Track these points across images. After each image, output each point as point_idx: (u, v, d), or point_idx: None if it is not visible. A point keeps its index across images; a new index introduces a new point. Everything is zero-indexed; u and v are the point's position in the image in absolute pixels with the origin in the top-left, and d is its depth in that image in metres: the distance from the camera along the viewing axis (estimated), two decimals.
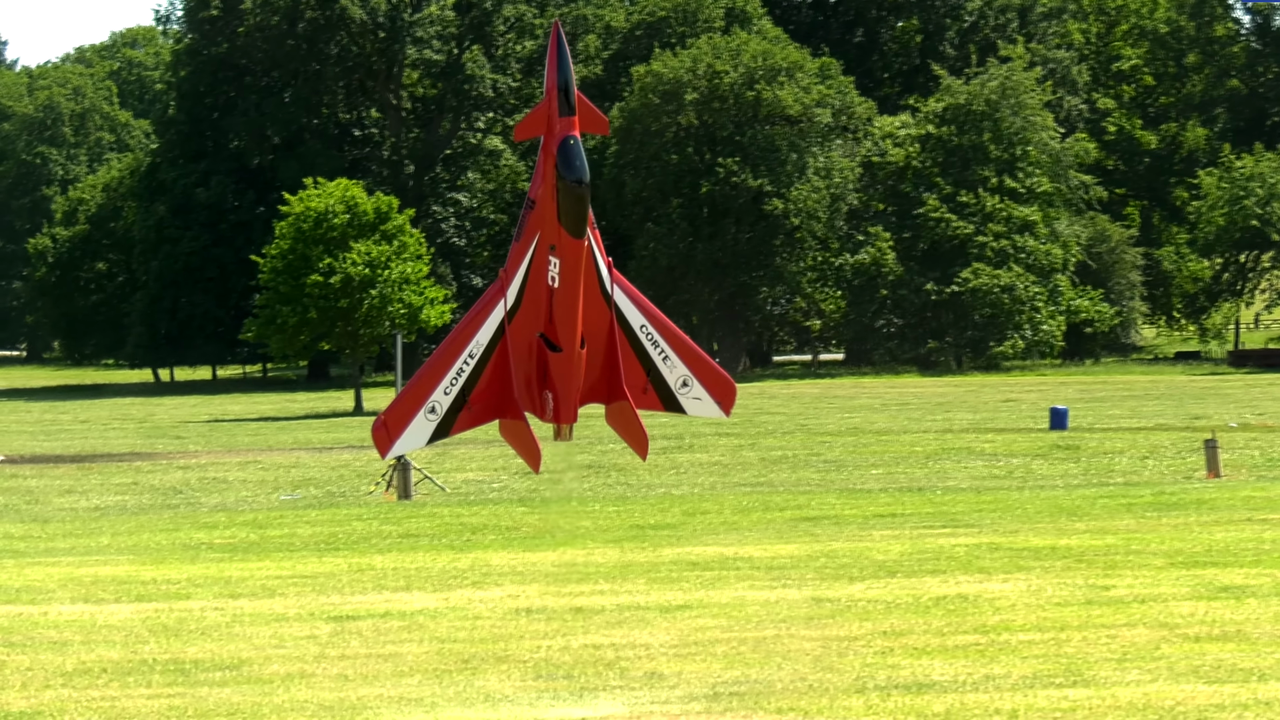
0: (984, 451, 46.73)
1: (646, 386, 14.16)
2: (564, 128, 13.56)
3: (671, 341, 14.23)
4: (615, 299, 14.05)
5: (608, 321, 14.02)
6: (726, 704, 14.86)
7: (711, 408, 14.40)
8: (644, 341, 14.15)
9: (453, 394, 13.85)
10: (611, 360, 14.05)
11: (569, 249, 13.61)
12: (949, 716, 14.21)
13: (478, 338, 13.86)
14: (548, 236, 13.62)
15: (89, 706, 15.47)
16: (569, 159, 13.43)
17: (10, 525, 32.79)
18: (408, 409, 13.84)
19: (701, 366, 14.29)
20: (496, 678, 16.36)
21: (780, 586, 21.75)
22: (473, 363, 13.85)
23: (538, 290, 13.80)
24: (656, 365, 14.19)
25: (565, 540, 27.78)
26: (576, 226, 13.55)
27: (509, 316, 13.84)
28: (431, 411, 13.83)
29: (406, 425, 13.81)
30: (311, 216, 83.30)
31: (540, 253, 13.69)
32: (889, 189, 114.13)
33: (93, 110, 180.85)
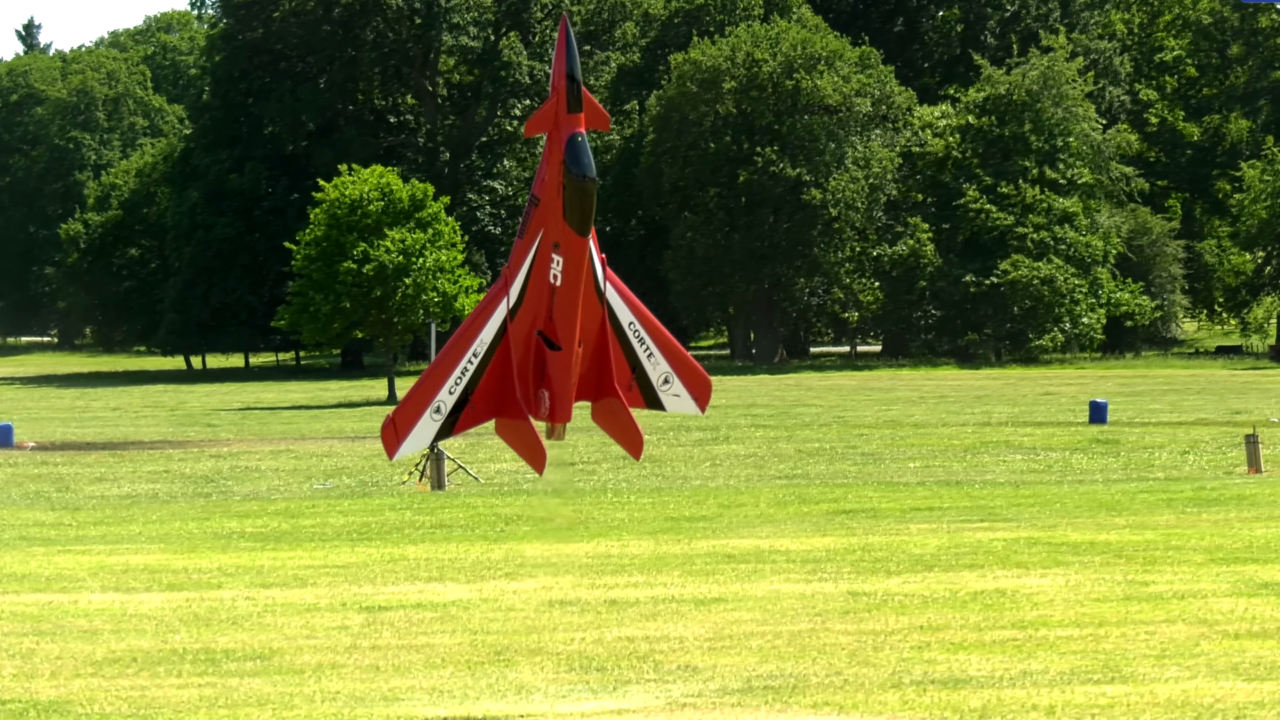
0: (1023, 445, 46.54)
1: (632, 383, 14.14)
2: (571, 124, 13.50)
3: (656, 338, 14.19)
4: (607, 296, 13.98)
5: (599, 318, 13.96)
6: (761, 698, 14.77)
7: (689, 404, 14.43)
8: (631, 339, 14.13)
9: (457, 393, 13.81)
10: (602, 357, 13.99)
11: (574, 246, 13.53)
12: (985, 712, 14.10)
13: (481, 336, 13.80)
14: (552, 234, 13.54)
15: (119, 696, 15.41)
16: (577, 155, 13.35)
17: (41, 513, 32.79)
18: (415, 409, 13.78)
19: (681, 363, 14.29)
20: (530, 670, 16.29)
21: (816, 580, 21.65)
22: (476, 361, 13.80)
23: (539, 288, 13.73)
24: (641, 362, 14.12)
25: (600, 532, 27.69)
26: (582, 224, 13.48)
27: (511, 314, 13.76)
28: (437, 411, 13.78)
29: (412, 426, 13.75)
30: (346, 203, 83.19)
31: (543, 250, 13.62)
32: (928, 179, 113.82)
33: (126, 95, 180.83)
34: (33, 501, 35.44)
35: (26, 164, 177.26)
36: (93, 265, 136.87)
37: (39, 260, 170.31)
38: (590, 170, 13.42)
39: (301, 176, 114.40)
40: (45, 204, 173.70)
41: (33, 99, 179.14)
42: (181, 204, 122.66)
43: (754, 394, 79.04)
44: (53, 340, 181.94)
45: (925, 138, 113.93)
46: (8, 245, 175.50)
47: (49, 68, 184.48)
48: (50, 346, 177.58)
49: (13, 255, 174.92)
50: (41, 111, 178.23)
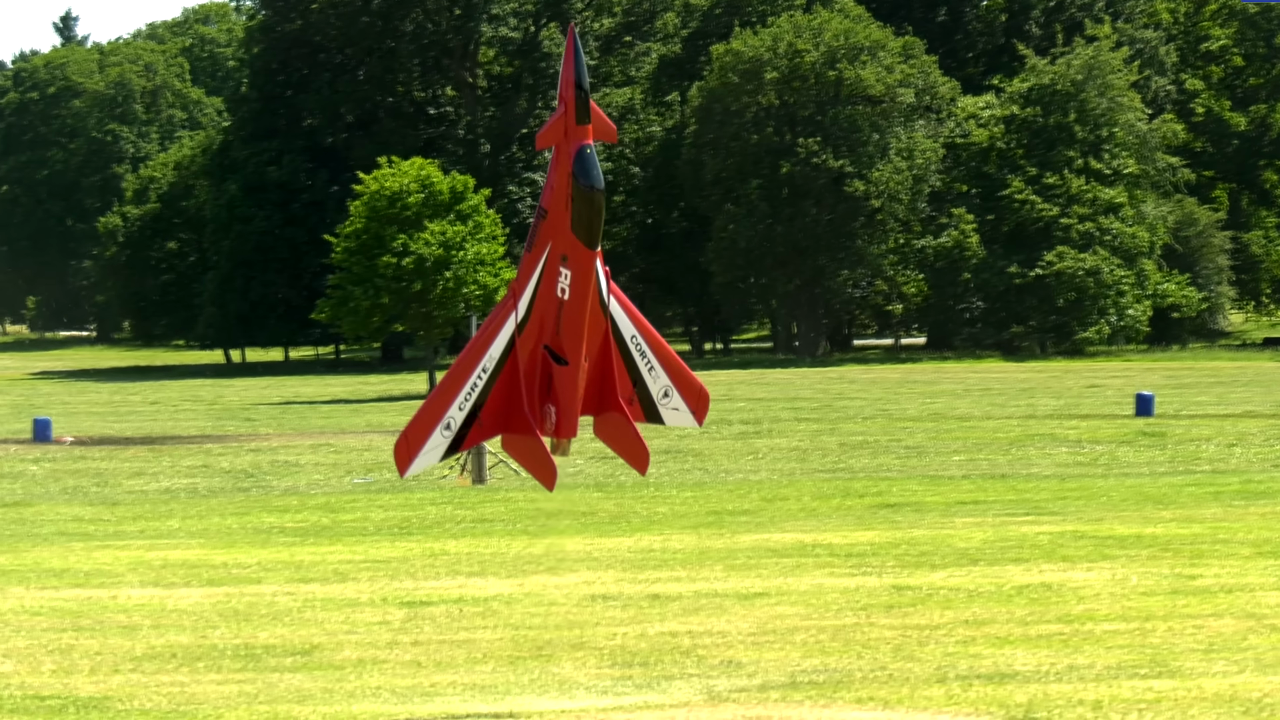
0: (1068, 438, 46.33)
1: (632, 397, 14.05)
2: (579, 136, 13.45)
3: (657, 351, 14.11)
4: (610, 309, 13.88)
5: (603, 332, 13.87)
6: (805, 693, 14.70)
7: (687, 418, 14.35)
8: (633, 352, 14.05)
9: (466, 409, 13.76)
10: (605, 371, 13.90)
11: (582, 259, 13.46)
12: (1031, 707, 14.01)
13: (490, 352, 13.74)
14: (560, 247, 13.47)
15: (158, 691, 15.37)
16: (586, 167, 13.29)
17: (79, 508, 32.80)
18: (426, 425, 13.73)
19: (680, 376, 14.20)
20: (571, 665, 16.23)
21: (860, 574, 21.59)
22: (485, 377, 13.74)
23: (547, 302, 13.67)
24: (642, 375, 14.04)
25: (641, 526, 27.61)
26: (591, 236, 13.41)
27: (518, 329, 13.67)
28: (447, 428, 13.73)
29: (424, 442, 13.69)
30: (385, 196, 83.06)
31: (551, 264, 13.55)
32: (972, 170, 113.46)
33: (164, 87, 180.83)
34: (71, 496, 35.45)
35: (64, 157, 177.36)
36: (131, 259, 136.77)
37: (77, 254, 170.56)
38: (599, 182, 13.38)
39: (341, 169, 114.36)
40: (83, 197, 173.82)
41: (70, 91, 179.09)
42: (220, 197, 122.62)
43: (796, 387, 78.91)
44: (91, 334, 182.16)
45: (969, 128, 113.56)
46: (46, 239, 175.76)
47: (86, 60, 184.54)
48: (88, 340, 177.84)
49: (51, 249, 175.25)
50: (79, 104, 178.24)
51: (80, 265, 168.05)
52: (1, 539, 27.56)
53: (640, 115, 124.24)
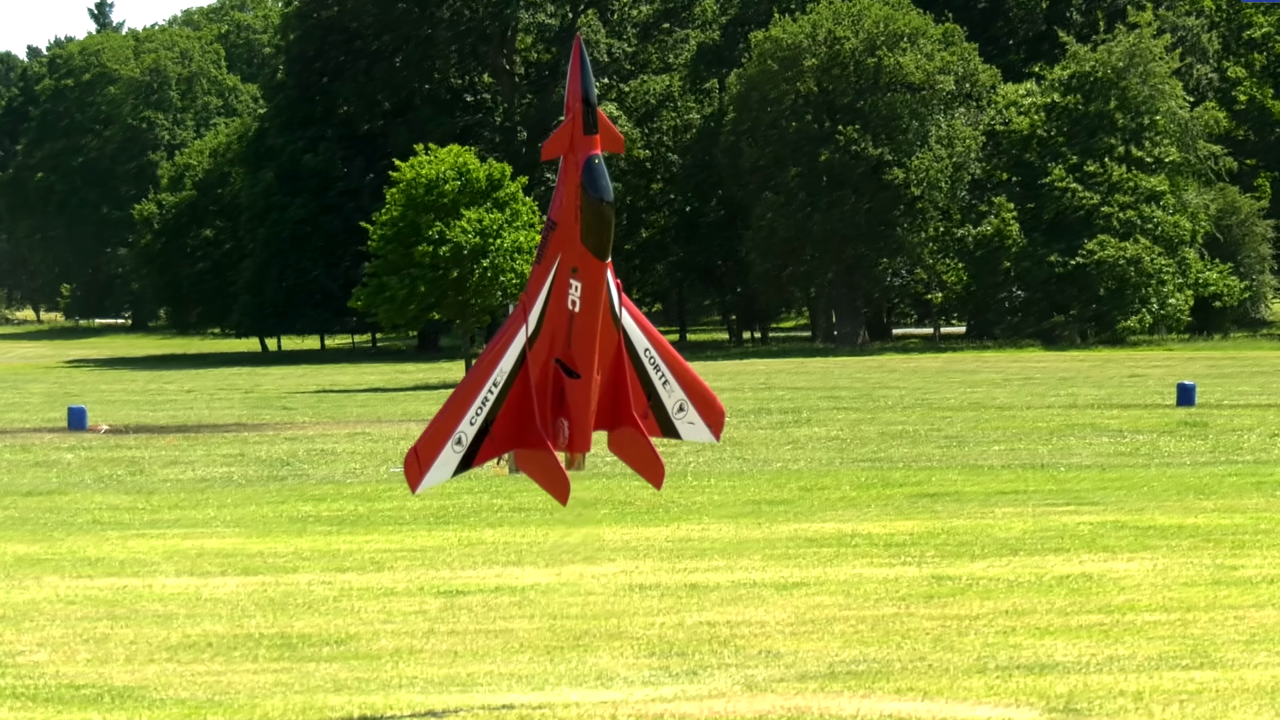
0: (1109, 428, 46.10)
1: (647, 411, 13.93)
2: (587, 146, 13.31)
3: (671, 365, 13.96)
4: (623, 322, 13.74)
5: (615, 345, 13.74)
6: (844, 683, 14.62)
7: (704, 432, 14.21)
8: (646, 365, 13.91)
9: (478, 424, 13.65)
10: (619, 385, 13.78)
11: (592, 271, 13.33)
12: (1072, 698, 13.91)
13: (500, 366, 13.63)
14: (570, 259, 13.35)
15: (194, 681, 15.34)
16: (595, 178, 13.16)
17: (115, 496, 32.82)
18: (437, 440, 13.63)
19: (696, 391, 14.06)
20: (609, 655, 16.17)
21: (899, 564, 21.51)
22: (496, 391, 13.61)
23: (558, 315, 13.53)
24: (656, 389, 13.91)
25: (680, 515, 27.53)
26: (601, 247, 13.29)
27: (529, 342, 13.56)
28: (458, 443, 13.63)
29: (436, 457, 13.60)
30: (422, 183, 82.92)
31: (561, 276, 13.44)
32: (1013, 158, 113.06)
33: (200, 74, 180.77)
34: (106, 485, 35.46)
35: (99, 144, 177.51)
36: (166, 246, 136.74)
37: (112, 241, 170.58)
38: (608, 193, 13.26)
39: (377, 156, 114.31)
40: (118, 184, 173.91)
41: (105, 78, 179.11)
42: (256, 184, 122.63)
43: (835, 376, 78.75)
44: (126, 322, 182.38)
45: (1009, 116, 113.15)
46: (81, 226, 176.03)
47: (122, 47, 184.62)
48: (123, 328, 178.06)
49: (86, 236, 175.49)
50: (114, 91, 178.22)
51: (115, 253, 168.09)
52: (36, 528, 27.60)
53: (678, 103, 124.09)
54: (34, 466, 39.98)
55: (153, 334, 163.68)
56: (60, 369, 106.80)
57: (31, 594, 20.31)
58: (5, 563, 23.03)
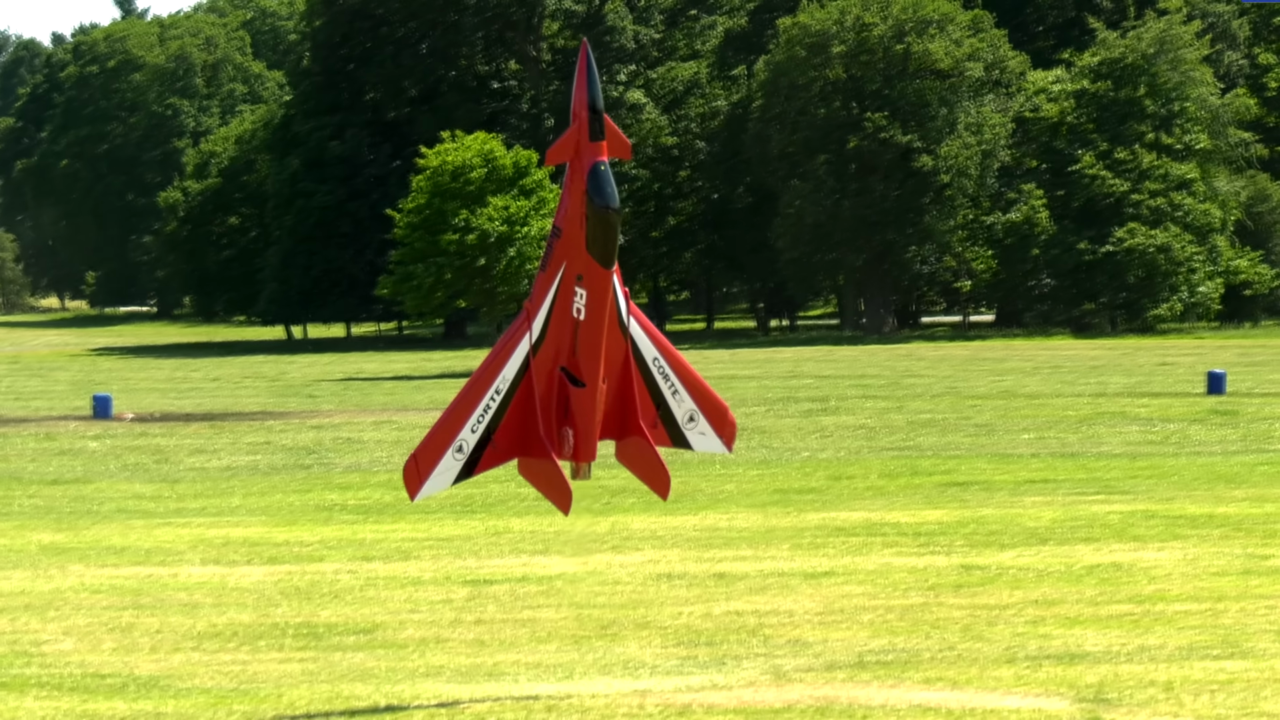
0: (1139, 416, 45.92)
1: (656, 421, 13.83)
2: (593, 153, 13.19)
3: (681, 374, 13.83)
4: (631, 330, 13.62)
5: (623, 354, 13.62)
6: (872, 673, 14.57)
7: (715, 442, 14.07)
8: (656, 375, 13.79)
9: (479, 432, 13.58)
10: (626, 394, 13.66)
11: (597, 279, 13.22)
12: (1102, 688, 13.84)
13: (503, 373, 13.54)
14: (575, 266, 13.23)
15: (219, 670, 15.30)
16: (600, 185, 13.03)
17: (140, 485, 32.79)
18: (437, 448, 13.56)
19: (707, 401, 13.93)
20: (637, 644, 16.13)
21: (928, 553, 21.43)
22: (499, 399, 13.53)
23: (562, 323, 13.43)
24: (666, 399, 13.79)
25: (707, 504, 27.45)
26: (606, 255, 13.17)
27: (533, 350, 13.45)
28: (459, 450, 13.57)
29: (435, 465, 13.51)
30: (448, 171, 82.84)
31: (566, 283, 13.33)
32: (1042, 145, 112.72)
33: (225, 61, 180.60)
34: (131, 474, 35.42)
35: (124, 131, 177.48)
36: (192, 234, 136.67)
37: (137, 229, 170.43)
38: (614, 200, 13.14)
39: (403, 143, 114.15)
40: (143, 172, 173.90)
41: (130, 65, 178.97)
42: (281, 171, 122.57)
43: (864, 364, 78.61)
44: (151, 310, 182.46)
45: (1039, 103, 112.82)
46: (106, 214, 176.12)
47: (146, 33, 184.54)
48: (149, 316, 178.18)
49: (111, 224, 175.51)
50: (139, 78, 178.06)
51: (140, 240, 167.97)
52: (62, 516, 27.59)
53: (706, 89, 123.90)
54: (59, 455, 39.98)
55: (178, 322, 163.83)
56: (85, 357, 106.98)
57: (57, 583, 20.30)
58: (30, 552, 23.03)
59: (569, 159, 13.31)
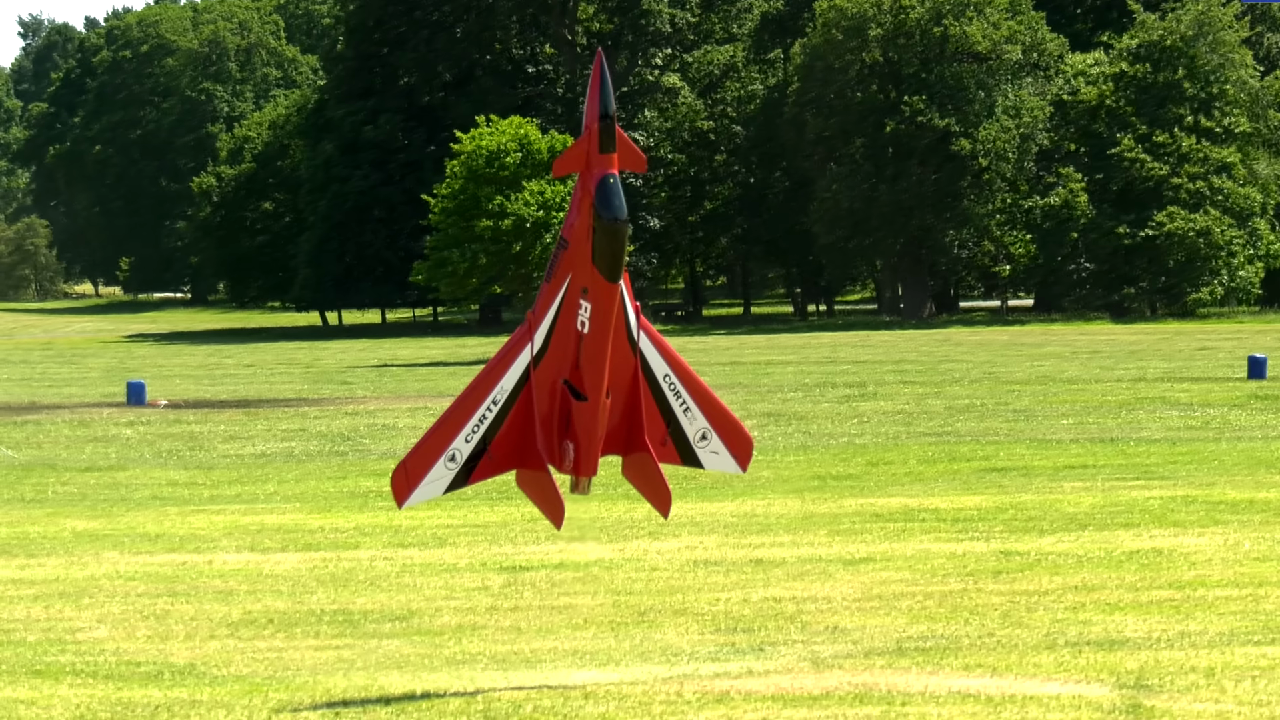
0: (1179, 401, 45.69)
1: (666, 439, 13.65)
2: (603, 165, 12.97)
3: (694, 392, 13.63)
4: (640, 346, 13.45)
5: (632, 369, 13.45)
6: (911, 659, 14.47)
7: (729, 462, 13.86)
8: (666, 392, 13.59)
9: (474, 442, 13.41)
10: (634, 410, 13.48)
11: (602, 293, 13.05)
12: (1142, 674, 13.73)
13: (501, 384, 13.38)
14: (580, 279, 13.08)
15: (254, 657, 15.26)
16: (608, 197, 12.86)
17: (174, 472, 32.75)
18: (427, 456, 13.42)
19: (721, 419, 13.74)
20: (674, 631, 16.05)
21: (967, 539, 21.33)
22: (495, 409, 13.37)
23: (566, 335, 13.26)
24: (677, 416, 13.59)
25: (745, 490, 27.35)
26: (612, 269, 12.99)
27: (534, 362, 13.31)
28: (452, 460, 13.41)
29: (426, 473, 13.38)
30: (483, 155, 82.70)
31: (571, 296, 13.17)
32: (1081, 129, 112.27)
33: (259, 45, 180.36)
34: (165, 461, 35.40)
35: (158, 116, 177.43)
36: (225, 219, 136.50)
37: (171, 214, 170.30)
38: (621, 213, 12.92)
39: (438, 128, 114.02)
40: (177, 157, 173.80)
41: (163, 50, 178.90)
42: (315, 157, 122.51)
43: (902, 349, 78.41)
44: (185, 296, 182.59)
45: (1077, 85, 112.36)
46: (139, 199, 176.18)
47: (180, 18, 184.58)
48: (182, 303, 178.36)
49: (144, 209, 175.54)
50: (172, 62, 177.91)
51: (174, 226, 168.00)
52: (96, 503, 27.58)
53: (742, 73, 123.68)
54: (93, 442, 40.01)
55: (212, 308, 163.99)
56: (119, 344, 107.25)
57: (91, 570, 20.28)
58: (65, 539, 23.02)
59: (579, 170, 13.15)
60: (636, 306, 13.45)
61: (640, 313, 13.50)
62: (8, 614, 17.53)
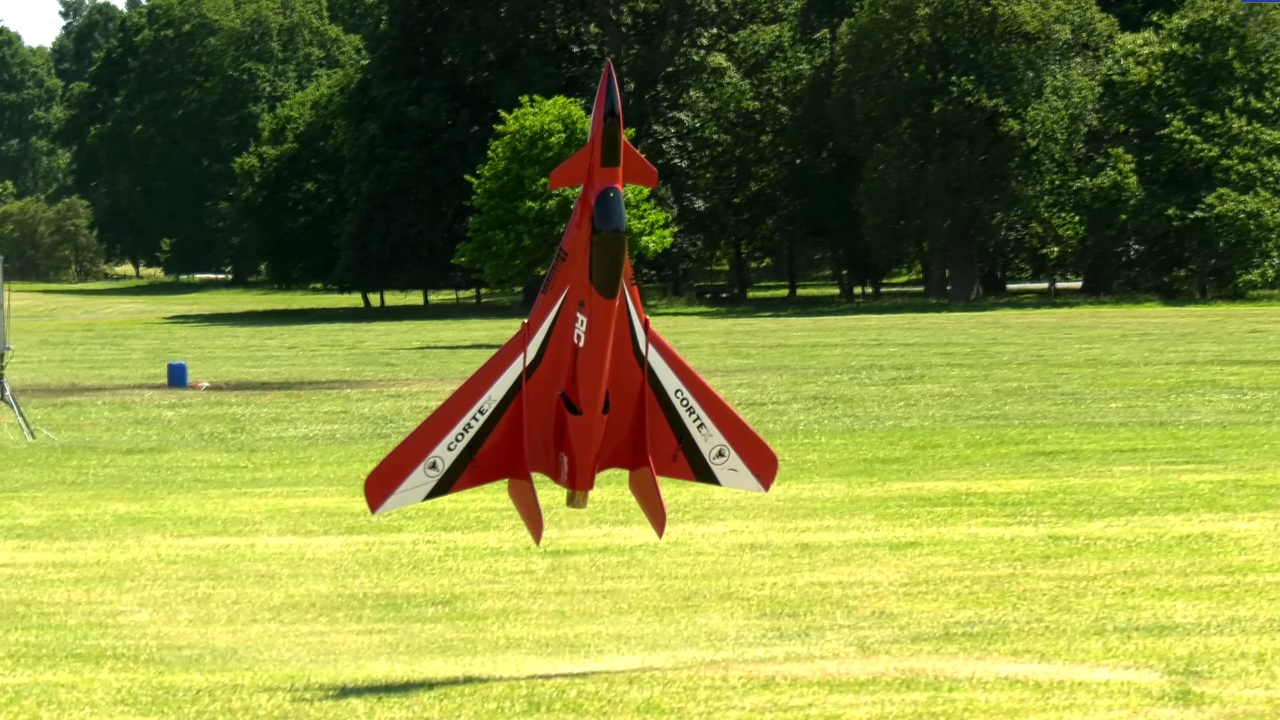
0: (1229, 384, 45.41)
1: (676, 454, 13.38)
2: (605, 179, 12.70)
3: (709, 408, 13.34)
4: (649, 360, 13.19)
5: (639, 383, 13.19)
6: (959, 645, 14.35)
7: (749, 480, 13.54)
8: (678, 407, 13.31)
9: (457, 450, 13.21)
10: (640, 425, 13.21)
11: (598, 308, 12.79)
12: (1192, 660, 13.59)
13: (490, 393, 13.19)
14: (577, 292, 12.87)
15: (297, 641, 15.19)
16: (607, 211, 12.61)
17: (216, 455, 32.70)
18: (405, 462, 13.23)
19: (740, 436, 13.43)
20: (720, 616, 15.95)
21: (1015, 523, 21.18)
22: (482, 419, 13.16)
23: (561, 348, 13.05)
24: (690, 432, 13.32)
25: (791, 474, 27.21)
26: (609, 285, 12.74)
27: (528, 373, 13.11)
28: (432, 467, 13.23)
29: (403, 480, 13.19)
30: (527, 136, 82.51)
31: (568, 308, 12.96)
32: (1130, 109, 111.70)
33: (302, 25, 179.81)
34: (207, 443, 35.35)
35: (200, 96, 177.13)
36: (267, 200, 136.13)
37: (213, 195, 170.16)
38: (621, 225, 12.63)
39: (482, 108, 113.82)
40: (219, 137, 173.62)
41: (205, 29, 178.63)
42: (359, 137, 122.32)
43: (949, 332, 78.15)
44: (227, 277, 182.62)
45: (1127, 66, 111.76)
46: (181, 180, 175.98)
47: None
48: (224, 284, 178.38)
49: (186, 190, 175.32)
50: (215, 42, 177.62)
51: (216, 207, 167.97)
52: (137, 486, 27.54)
53: (789, 53, 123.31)
54: (134, 424, 40.01)
55: (254, 289, 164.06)
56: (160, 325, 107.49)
57: (132, 553, 20.24)
58: (106, 522, 22.98)
59: (580, 183, 12.93)
60: (645, 320, 13.22)
61: (649, 325, 13.26)
62: (48, 597, 17.50)
